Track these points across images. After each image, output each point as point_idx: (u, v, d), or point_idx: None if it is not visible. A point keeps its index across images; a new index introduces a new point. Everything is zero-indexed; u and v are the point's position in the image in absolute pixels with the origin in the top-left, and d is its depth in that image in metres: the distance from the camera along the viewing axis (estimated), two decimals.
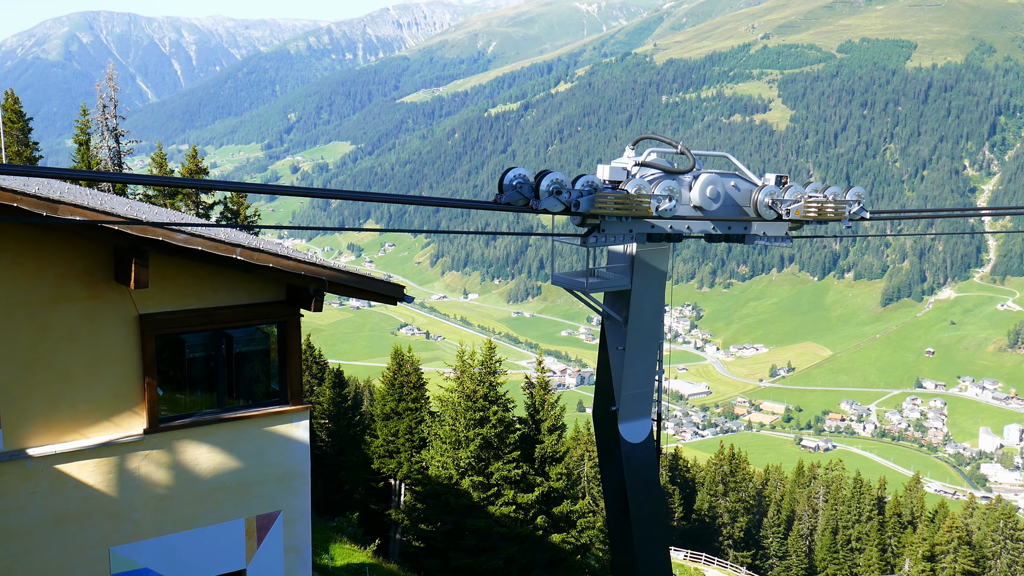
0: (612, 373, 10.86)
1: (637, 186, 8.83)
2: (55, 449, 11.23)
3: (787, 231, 10.32)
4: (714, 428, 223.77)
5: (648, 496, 11.28)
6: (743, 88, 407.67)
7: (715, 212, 9.73)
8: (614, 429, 10.99)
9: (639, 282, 10.24)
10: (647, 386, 11.03)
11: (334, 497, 46.69)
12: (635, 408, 10.98)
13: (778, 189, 9.88)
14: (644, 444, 11.15)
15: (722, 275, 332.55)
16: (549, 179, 8.16)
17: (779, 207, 9.83)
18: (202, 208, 42.34)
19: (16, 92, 45.25)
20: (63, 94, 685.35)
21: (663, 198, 9.06)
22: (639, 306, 10.37)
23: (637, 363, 10.71)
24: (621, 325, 10.53)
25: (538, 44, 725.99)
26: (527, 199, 8.22)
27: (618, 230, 9.12)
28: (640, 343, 10.60)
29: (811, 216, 9.84)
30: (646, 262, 10.20)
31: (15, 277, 10.79)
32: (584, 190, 8.49)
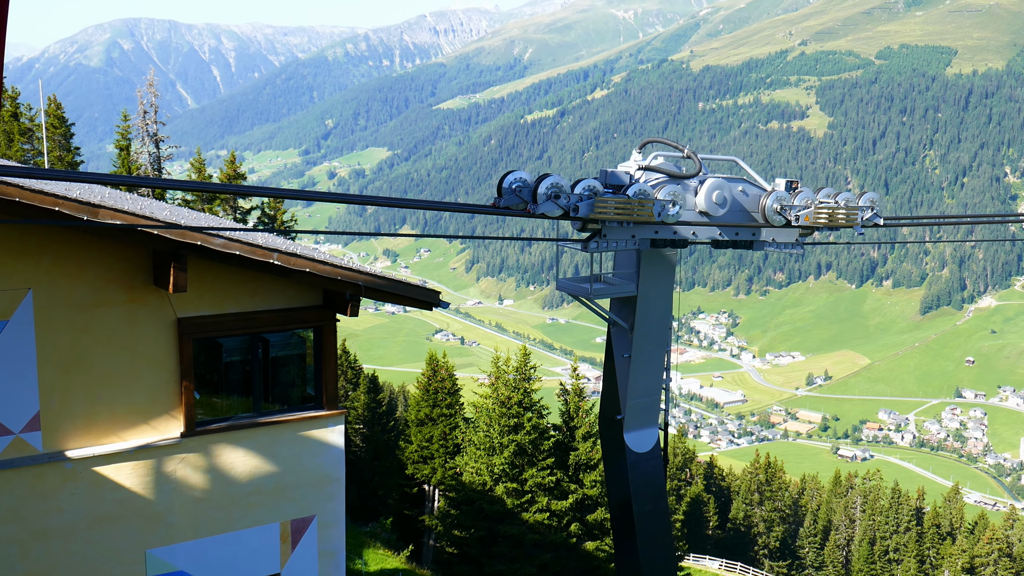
0: (618, 381, 10.65)
1: (639, 191, 8.61)
2: (94, 451, 11.33)
3: (797, 238, 10.03)
4: (750, 437, 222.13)
5: (654, 508, 10.99)
6: (780, 95, 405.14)
7: (721, 218, 9.51)
8: (619, 439, 10.75)
9: (645, 288, 10.10)
10: (654, 394, 10.83)
11: (368, 502, 46.81)
12: (641, 417, 10.78)
13: (787, 195, 9.60)
14: (650, 454, 10.90)
15: (758, 282, 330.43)
16: (547, 183, 8.02)
17: (788, 213, 9.54)
18: (240, 213, 42.68)
19: (59, 98, 45.90)
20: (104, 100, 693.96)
21: (666, 203, 8.84)
22: (645, 313, 10.23)
23: (643, 371, 10.54)
24: (627, 332, 10.36)
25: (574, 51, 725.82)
26: (525, 203, 8.08)
27: (620, 236, 8.95)
28: (646, 351, 10.47)
29: (821, 222, 9.54)
30: (652, 268, 10.03)
31: (56, 280, 10.91)
32: (584, 195, 8.31)
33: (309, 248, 13.10)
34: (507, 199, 8.15)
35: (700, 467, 78.19)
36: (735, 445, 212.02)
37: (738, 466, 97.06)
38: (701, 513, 68.33)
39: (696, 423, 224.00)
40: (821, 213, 9.47)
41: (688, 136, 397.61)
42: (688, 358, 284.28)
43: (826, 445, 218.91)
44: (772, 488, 74.42)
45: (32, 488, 11.08)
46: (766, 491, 73.93)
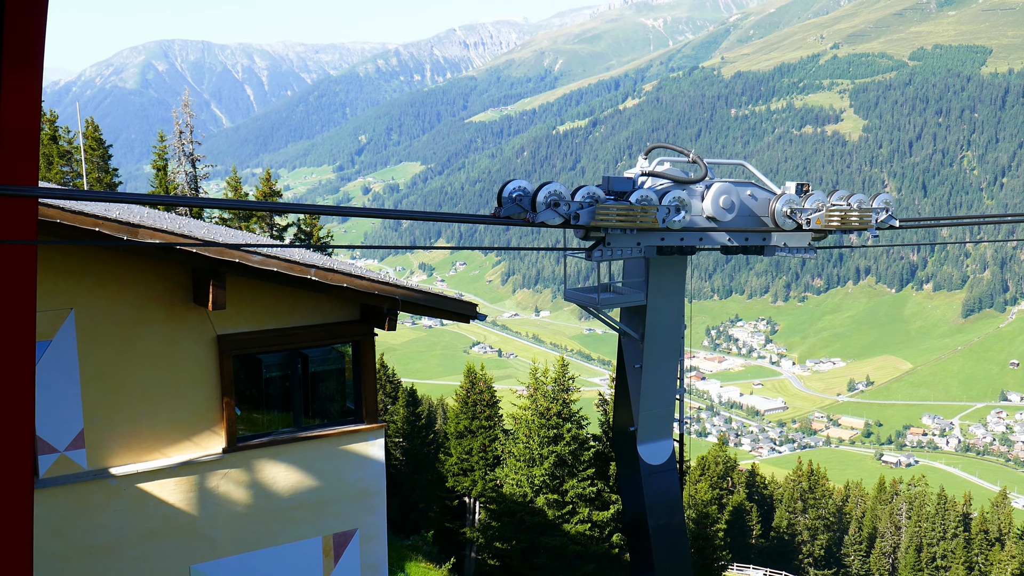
0: (630, 392, 10.51)
1: (642, 197, 8.41)
2: (137, 468, 11.42)
3: (810, 242, 9.77)
4: (791, 444, 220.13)
5: (670, 521, 10.81)
6: (814, 99, 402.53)
7: (730, 223, 9.26)
8: (633, 451, 10.61)
9: (655, 297, 9.94)
10: (667, 406, 10.69)
11: (409, 515, 46.87)
12: (655, 429, 10.65)
13: (797, 198, 9.37)
14: (665, 466, 10.78)
15: (796, 288, 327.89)
16: (546, 191, 7.85)
17: (798, 216, 9.32)
18: (276, 230, 42.98)
19: (96, 120, 46.48)
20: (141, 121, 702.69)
21: (671, 209, 8.63)
22: (655, 322, 10.08)
23: (655, 382, 10.40)
24: (637, 342, 10.22)
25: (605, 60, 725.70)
26: (525, 212, 7.91)
27: (625, 243, 8.73)
28: (658, 361, 10.34)
29: (834, 225, 9.28)
30: (661, 276, 9.86)
31: (97, 300, 11.03)
32: (584, 202, 8.14)
33: (346, 263, 13.18)
34: (507, 208, 8.01)
35: (742, 476, 77.59)
36: (777, 453, 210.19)
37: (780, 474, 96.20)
38: (744, 522, 67.76)
39: (737, 431, 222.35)
40: (833, 216, 9.25)
41: (721, 143, 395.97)
42: (727, 366, 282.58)
43: (869, 451, 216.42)
44: (815, 495, 73.66)
45: (77, 505, 11.19)
46: (809, 499, 73.19)
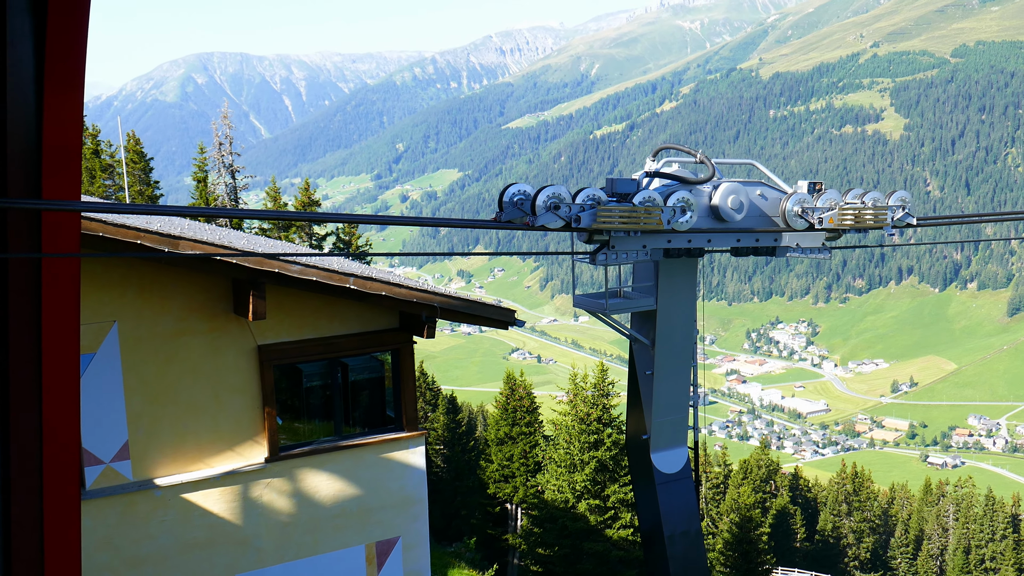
0: (642, 399, 10.21)
1: (646, 198, 8.17)
2: (181, 479, 11.53)
3: (824, 242, 9.46)
4: (835, 446, 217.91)
5: (686, 530, 10.53)
6: (854, 98, 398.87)
7: (739, 224, 8.99)
8: (647, 460, 10.32)
9: (665, 301, 9.64)
10: (681, 412, 10.37)
11: (451, 522, 46.91)
12: (669, 436, 10.33)
13: (809, 196, 9.12)
14: (680, 475, 10.48)
15: (837, 289, 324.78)
16: (547, 193, 7.71)
17: (810, 216, 9.04)
18: (315, 239, 43.27)
19: (137, 133, 47.06)
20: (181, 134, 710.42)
21: (676, 210, 8.37)
22: (666, 327, 9.79)
23: (668, 388, 10.12)
24: (649, 348, 9.92)
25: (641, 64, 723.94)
26: (526, 215, 7.76)
27: (630, 246, 8.49)
28: (670, 367, 10.04)
29: (847, 224, 9.00)
30: (671, 279, 9.57)
31: (140, 312, 11.15)
32: (586, 204, 7.92)
33: (384, 271, 13.23)
34: (508, 212, 7.92)
35: (785, 479, 76.89)
36: (820, 455, 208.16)
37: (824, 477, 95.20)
38: (788, 525, 67.13)
39: (779, 434, 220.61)
40: (846, 214, 8.97)
41: (760, 144, 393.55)
42: (768, 369, 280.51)
43: (915, 453, 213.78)
44: (860, 498, 72.86)
45: (124, 516, 11.31)
46: (854, 501, 72.40)
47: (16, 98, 6.80)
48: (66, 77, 6.84)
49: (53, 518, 8.11)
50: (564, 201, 7.76)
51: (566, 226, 7.81)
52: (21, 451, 7.81)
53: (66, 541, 8.34)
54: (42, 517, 8.05)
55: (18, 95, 6.80)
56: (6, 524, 7.95)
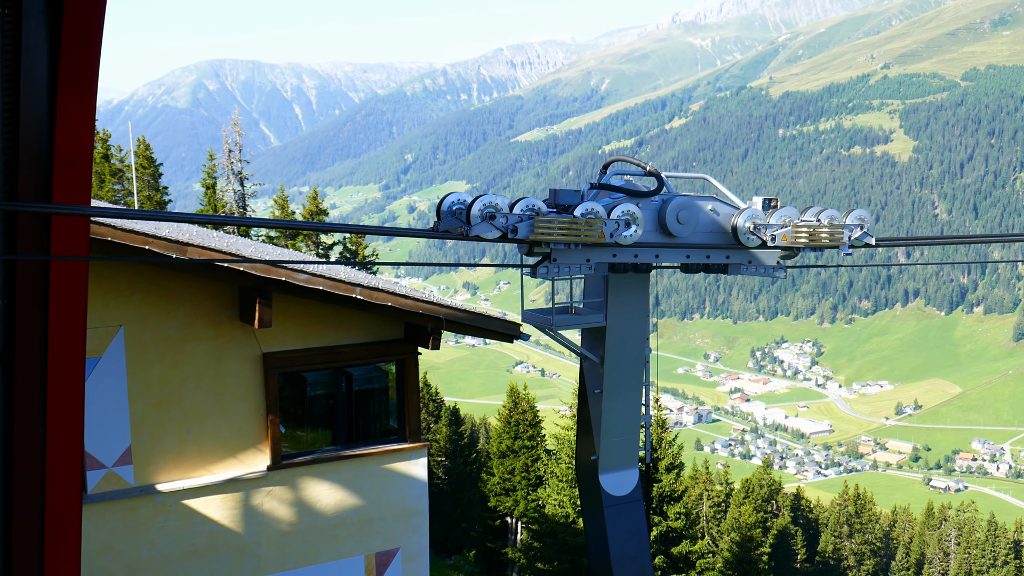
0: (591, 419, 9.82)
1: (588, 210, 7.85)
2: (183, 485, 11.53)
3: (778, 260, 9.07)
4: (837, 467, 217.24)
5: (635, 555, 10.14)
6: (863, 119, 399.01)
7: (688, 239, 8.66)
8: (595, 481, 9.94)
9: (615, 317, 9.25)
10: (631, 433, 9.96)
11: (451, 535, 46.85)
12: (618, 458, 9.95)
13: (761, 213, 8.75)
14: (629, 497, 10.11)
15: (843, 310, 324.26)
16: (482, 202, 7.43)
17: (763, 232, 8.69)
18: (322, 248, 43.35)
19: (147, 139, 47.25)
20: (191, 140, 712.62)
21: (620, 223, 8.05)
22: (616, 344, 9.41)
23: (617, 408, 9.72)
24: (598, 366, 9.54)
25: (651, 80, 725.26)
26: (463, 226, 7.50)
27: (572, 260, 8.18)
28: (619, 386, 9.65)
29: (801, 242, 8.64)
30: (621, 295, 9.20)
31: (146, 317, 11.18)
32: (524, 215, 7.60)
33: (390, 282, 13.25)
34: (446, 222, 7.67)
35: (787, 499, 76.65)
36: (822, 476, 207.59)
37: (826, 497, 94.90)
38: (789, 546, 66.91)
39: (782, 454, 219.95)
40: (800, 232, 8.64)
41: (768, 163, 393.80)
42: (772, 388, 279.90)
43: (917, 476, 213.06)
44: (862, 520, 72.61)
45: (124, 521, 11.31)
46: (856, 523, 72.16)
47: (29, 102, 6.84)
48: (79, 81, 6.88)
49: (54, 521, 8.11)
50: (500, 211, 7.51)
51: (502, 237, 7.57)
52: (24, 453, 7.82)
53: (66, 545, 8.34)
54: (43, 520, 8.06)
55: (31, 99, 6.84)
56: (7, 526, 7.96)
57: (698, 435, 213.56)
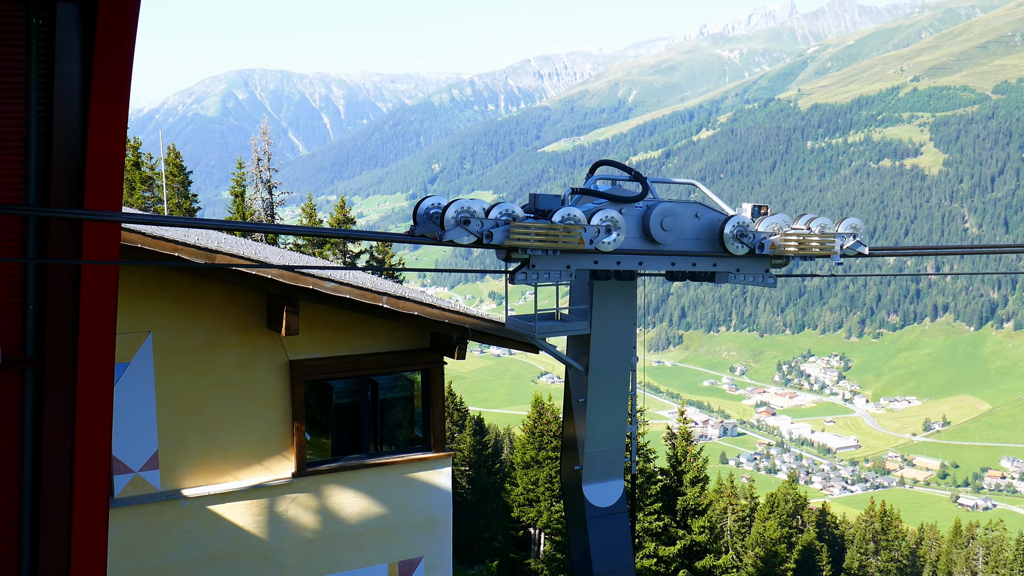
0: (575, 428, 9.58)
1: (567, 215, 7.65)
2: (209, 490, 11.59)
3: (767, 269, 8.85)
4: (864, 483, 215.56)
5: (618, 568, 9.88)
6: (892, 132, 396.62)
7: (672, 246, 8.41)
8: (578, 492, 9.70)
9: (599, 325, 8.97)
10: (616, 443, 9.69)
11: (474, 544, 46.79)
12: (602, 468, 9.68)
13: (748, 220, 8.51)
14: (613, 509, 9.85)
15: (871, 324, 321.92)
16: (457, 206, 7.27)
17: (749, 240, 8.46)
18: (349, 257, 43.50)
19: (177, 147, 47.62)
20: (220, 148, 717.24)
21: (600, 230, 7.82)
22: (600, 353, 9.15)
23: (602, 417, 9.47)
24: (583, 375, 9.30)
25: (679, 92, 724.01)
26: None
27: (551, 266, 7.91)
28: (604, 395, 9.38)
29: (790, 251, 8.42)
30: (606, 302, 8.91)
31: (174, 323, 11.27)
32: (499, 220, 7.41)
33: (416, 291, 13.29)
34: (422, 226, 7.57)
35: (812, 514, 76.11)
36: (848, 492, 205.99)
37: (852, 513, 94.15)
38: (814, 562, 66.39)
39: (807, 469, 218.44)
40: (789, 240, 8.41)
41: (796, 176, 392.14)
42: (798, 402, 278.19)
43: (945, 493, 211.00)
44: (888, 537, 71.95)
45: (150, 525, 11.38)
46: (882, 540, 71.50)
47: (62, 111, 6.93)
48: (112, 90, 6.96)
49: (81, 524, 8.18)
50: (475, 216, 7.32)
51: (477, 242, 7.39)
52: (53, 456, 7.90)
53: (92, 548, 8.40)
54: (70, 523, 8.13)
55: (64, 108, 6.93)
56: (35, 528, 8.03)
57: (723, 448, 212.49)
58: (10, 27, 6.69)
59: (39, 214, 7.28)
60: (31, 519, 7.98)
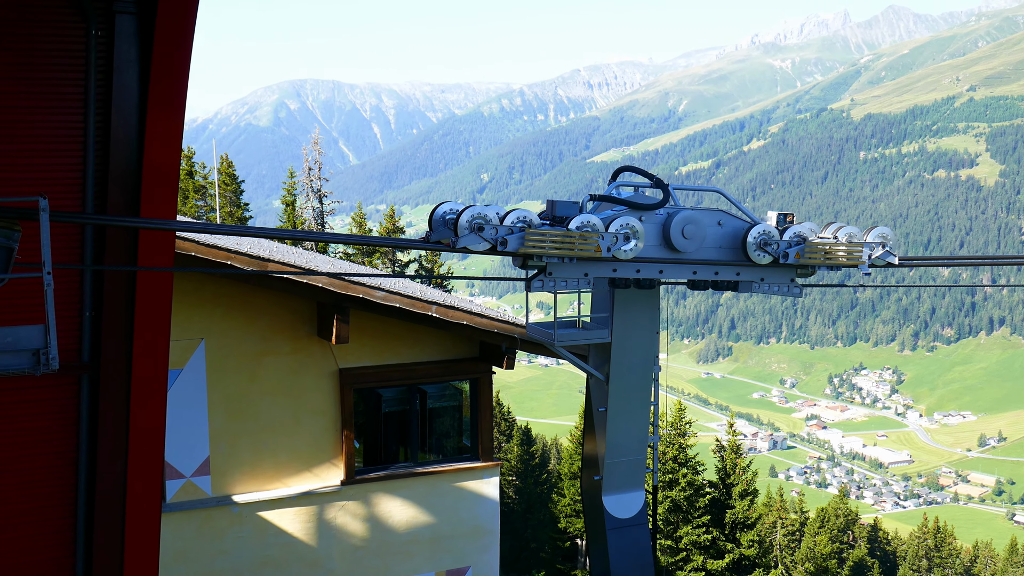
0: (596, 438, 9.47)
1: (584, 222, 7.51)
2: (259, 496, 11.69)
3: (793, 278, 8.63)
4: (917, 499, 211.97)
5: None
6: (948, 142, 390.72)
7: (694, 254, 8.25)
8: (598, 502, 9.56)
9: (620, 333, 8.86)
10: (637, 454, 9.52)
11: (520, 554, 46.69)
12: (623, 479, 9.53)
13: (772, 228, 8.34)
14: (634, 520, 9.69)
15: (925, 337, 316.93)
16: (470, 213, 7.22)
17: (773, 249, 8.27)
18: (398, 266, 43.74)
19: (230, 156, 48.19)
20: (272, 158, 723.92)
21: (618, 237, 7.68)
22: (622, 362, 9.04)
23: (623, 427, 9.33)
24: (604, 384, 9.20)
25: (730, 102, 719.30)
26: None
27: (568, 274, 7.82)
28: (625, 405, 9.25)
29: (815, 260, 8.28)
30: (628, 310, 8.81)
31: (227, 331, 11.39)
32: (514, 227, 7.31)
33: (465, 300, 13.31)
34: (438, 232, 7.57)
35: (864, 530, 75.01)
36: (901, 507, 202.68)
37: (904, 530, 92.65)
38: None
39: (859, 483, 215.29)
40: (815, 250, 8.28)
41: (848, 186, 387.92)
42: (850, 416, 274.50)
43: (1001, 510, 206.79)
44: (942, 555, 70.71)
45: (201, 531, 11.50)
46: (935, 557, 70.29)
47: (120, 121, 7.05)
48: (168, 101, 7.06)
49: (134, 528, 8.28)
50: (490, 222, 7.26)
51: (491, 249, 7.33)
52: (107, 461, 8.01)
53: (145, 551, 8.51)
54: (124, 527, 8.23)
55: (122, 118, 7.05)
56: (89, 531, 8.14)
57: (773, 462, 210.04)
58: (70, 39, 6.82)
59: (96, 222, 7.40)
60: (86, 522, 8.10)
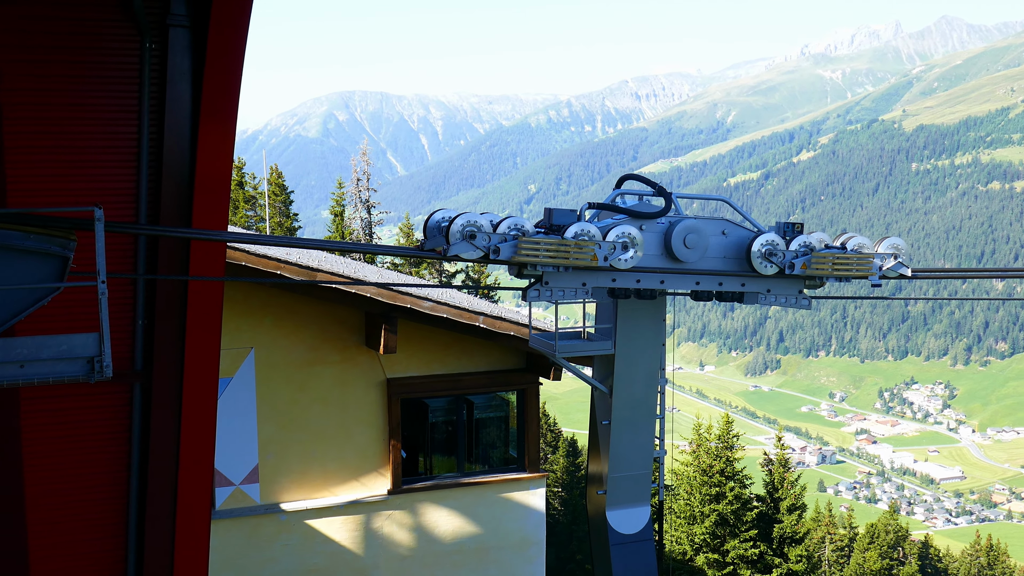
0: (600, 452, 9.26)
1: (581, 231, 7.34)
2: (307, 505, 11.77)
3: (801, 290, 8.42)
4: (969, 516, 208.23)
5: None
6: (1002, 154, 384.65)
7: (695, 264, 8.07)
8: (602, 517, 9.36)
9: (624, 345, 8.67)
10: (642, 468, 9.32)
11: (566, 566, 46.52)
12: (628, 494, 9.32)
13: (778, 238, 8.11)
14: (638, 536, 9.50)
15: (978, 352, 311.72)
16: (462, 221, 7.03)
17: (779, 260, 8.06)
18: (445, 276, 43.88)
19: (279, 167, 48.70)
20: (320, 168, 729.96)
21: (616, 246, 7.51)
22: (625, 374, 8.84)
23: (627, 441, 9.10)
24: (608, 396, 8.97)
25: (779, 113, 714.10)
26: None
27: (565, 283, 7.68)
28: (629, 418, 9.03)
29: (823, 271, 8.03)
30: (631, 321, 8.60)
31: (276, 340, 11.49)
32: (508, 235, 7.15)
33: (512, 311, 13.31)
34: (432, 240, 7.36)
35: (914, 546, 73.84)
36: (952, 524, 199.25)
37: (956, 547, 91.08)
38: None
39: (909, 499, 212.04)
40: (823, 261, 8.04)
41: (900, 198, 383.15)
42: (901, 431, 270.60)
43: None
44: (995, 573, 69.42)
45: (249, 538, 11.59)
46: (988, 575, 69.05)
47: (173, 132, 7.15)
48: (220, 113, 7.15)
49: (184, 535, 8.36)
50: (482, 230, 7.09)
51: (484, 257, 7.16)
52: (158, 468, 8.10)
53: (195, 558, 8.59)
54: (174, 533, 8.32)
55: (175, 129, 7.14)
56: (140, 537, 8.24)
57: (821, 476, 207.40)
58: (125, 52, 6.92)
59: (150, 232, 7.51)
60: (137, 527, 8.19)
